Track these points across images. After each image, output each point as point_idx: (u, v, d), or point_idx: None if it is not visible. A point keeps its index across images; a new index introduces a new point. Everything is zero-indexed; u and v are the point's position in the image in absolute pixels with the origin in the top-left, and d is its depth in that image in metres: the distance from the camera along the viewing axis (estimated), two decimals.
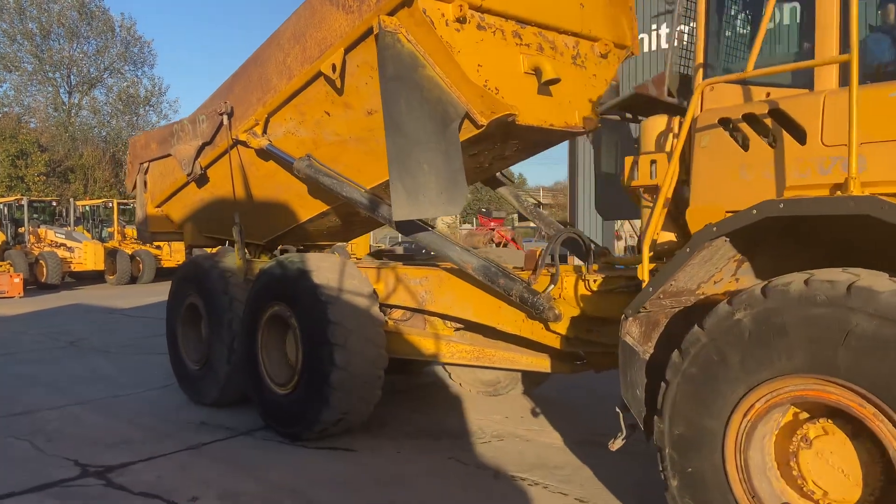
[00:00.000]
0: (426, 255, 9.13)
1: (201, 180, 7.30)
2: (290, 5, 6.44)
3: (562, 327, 4.87)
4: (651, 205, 4.14)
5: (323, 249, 8.20)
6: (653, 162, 4.00)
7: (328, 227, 7.10)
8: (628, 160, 4.15)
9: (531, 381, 7.17)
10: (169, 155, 7.46)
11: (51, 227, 24.82)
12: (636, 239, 6.92)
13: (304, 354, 5.63)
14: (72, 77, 44.69)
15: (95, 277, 24.85)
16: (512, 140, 5.52)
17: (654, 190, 4.08)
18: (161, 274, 25.38)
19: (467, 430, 6.13)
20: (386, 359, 5.70)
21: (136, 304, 17.06)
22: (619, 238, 23.42)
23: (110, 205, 27.39)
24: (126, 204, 29.31)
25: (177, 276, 7.49)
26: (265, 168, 6.59)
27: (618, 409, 3.83)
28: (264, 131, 6.29)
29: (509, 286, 4.92)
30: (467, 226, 40.73)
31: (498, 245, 21.52)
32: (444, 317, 6.34)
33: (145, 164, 8.02)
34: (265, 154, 6.37)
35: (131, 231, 26.33)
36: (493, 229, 22.84)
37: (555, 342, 5.06)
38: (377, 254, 7.60)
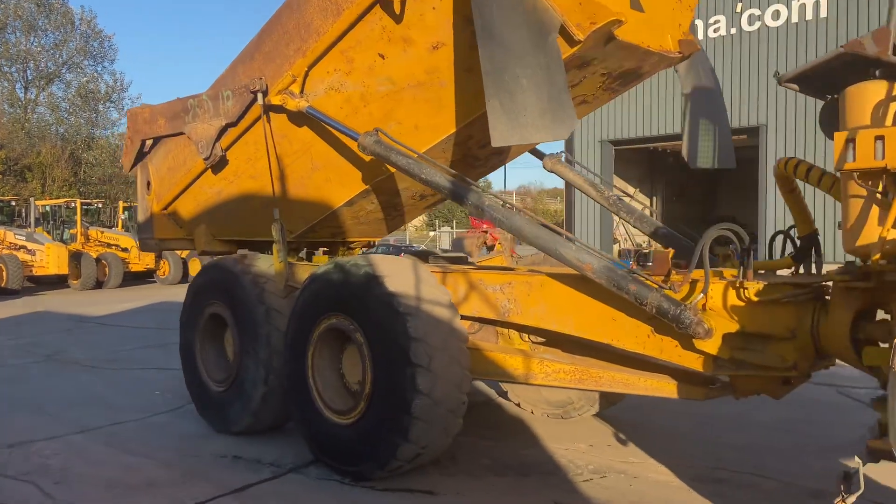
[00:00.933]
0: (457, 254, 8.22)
1: (218, 166, 6.28)
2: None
3: (711, 346, 3.99)
4: (867, 192, 3.29)
5: (351, 247, 7.23)
6: (878, 138, 3.13)
7: (367, 212, 6.16)
8: (839, 137, 3.28)
9: (605, 401, 6.29)
10: (181, 133, 6.40)
11: (9, 228, 23.20)
12: (630, 242, 6.18)
13: (376, 377, 4.64)
14: (28, 71, 42.74)
15: (56, 282, 23.34)
16: (601, 70, 4.70)
17: (875, 175, 3.21)
18: (128, 278, 24.02)
19: (556, 463, 5.21)
20: (470, 381, 4.78)
21: (110, 311, 15.75)
22: (615, 241, 22.78)
23: (73, 205, 25.82)
24: (89, 204, 27.82)
25: (195, 282, 6.42)
26: (299, 140, 5.65)
27: (858, 459, 2.94)
28: (301, 91, 5.34)
29: (642, 294, 4.02)
30: (446, 229, 39.63)
31: (491, 248, 20.66)
32: (531, 330, 5.47)
33: (148, 142, 6.97)
34: (302, 119, 5.44)
35: (95, 232, 24.87)
36: (485, 231, 21.95)
37: (696, 363, 4.17)
38: (422, 255, 6.62)
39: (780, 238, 4.62)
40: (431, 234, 38.58)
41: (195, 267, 24.74)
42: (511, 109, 3.89)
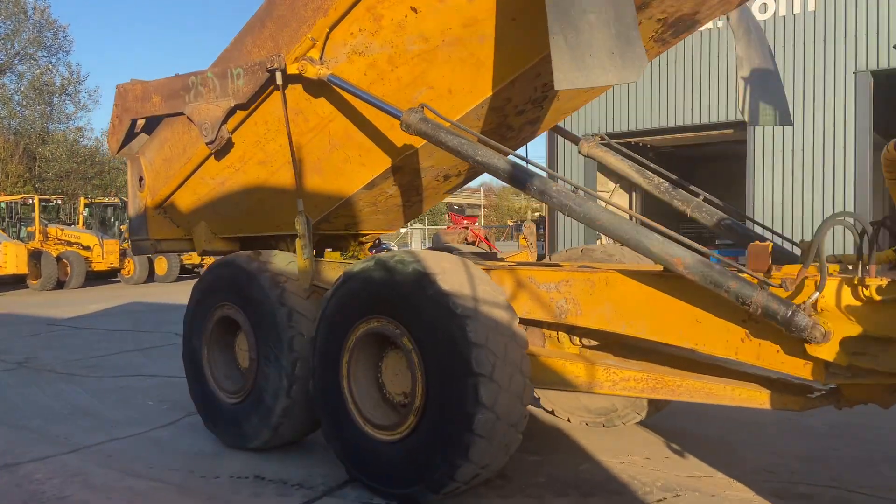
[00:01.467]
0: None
1: (222, 152, 5.65)
2: None
3: (827, 351, 3.52)
4: None
5: (362, 242, 6.65)
6: None
7: (387, 196, 5.61)
8: None
9: (653, 408, 5.81)
10: (179, 113, 5.74)
11: None
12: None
13: (429, 388, 4.09)
14: None
15: (13, 282, 22.26)
16: (658, 13, 4.24)
17: None
18: (90, 278, 23.02)
19: (619, 480, 4.72)
20: (532, 392, 4.25)
21: (78, 312, 14.89)
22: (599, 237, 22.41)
23: (30, 201, 24.66)
24: (48, 200, 26.66)
25: (201, 282, 5.75)
26: (316, 116, 5.08)
27: None
28: (321, 57, 4.78)
29: (745, 293, 3.53)
30: (418, 226, 38.93)
31: (472, 244, 20.24)
32: (590, 333, 4.98)
33: (139, 122, 6.30)
34: (319, 91, 4.88)
35: (54, 230, 23.77)
36: (466, 227, 21.51)
37: (803, 371, 3.69)
38: (445, 250, 6.07)
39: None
40: (402, 231, 37.99)
41: (161, 266, 23.81)
42: (576, 47, 3.47)
